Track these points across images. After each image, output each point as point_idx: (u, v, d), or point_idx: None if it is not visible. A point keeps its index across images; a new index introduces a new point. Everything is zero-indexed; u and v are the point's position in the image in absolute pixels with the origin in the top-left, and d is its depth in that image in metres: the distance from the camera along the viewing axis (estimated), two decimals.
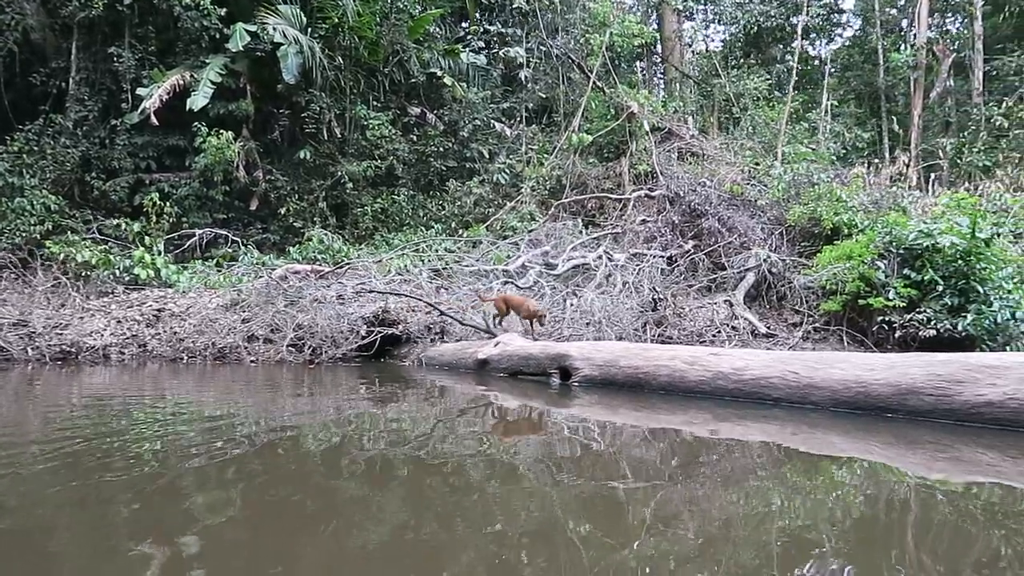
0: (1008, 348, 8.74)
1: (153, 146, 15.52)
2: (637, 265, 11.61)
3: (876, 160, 17.92)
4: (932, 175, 18.40)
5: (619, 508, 3.42)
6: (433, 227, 15.78)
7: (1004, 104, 19.00)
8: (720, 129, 19.51)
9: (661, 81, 25.12)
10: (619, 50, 17.89)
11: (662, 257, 12.21)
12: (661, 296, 10.27)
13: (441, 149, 17.21)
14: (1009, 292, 9.23)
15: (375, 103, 17.38)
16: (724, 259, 12.03)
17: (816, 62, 26.22)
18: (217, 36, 15.30)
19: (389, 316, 9.42)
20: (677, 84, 22.50)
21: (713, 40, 26.52)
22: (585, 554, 2.76)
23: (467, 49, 18.35)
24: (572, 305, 10.17)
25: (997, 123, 18.86)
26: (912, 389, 4.87)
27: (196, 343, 9.68)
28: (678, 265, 12.06)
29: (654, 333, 9.79)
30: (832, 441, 4.99)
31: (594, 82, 17.03)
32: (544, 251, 12.41)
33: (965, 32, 23.62)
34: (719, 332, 9.94)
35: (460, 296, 10.78)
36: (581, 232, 13.75)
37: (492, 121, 17.86)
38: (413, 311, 9.80)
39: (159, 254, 13.02)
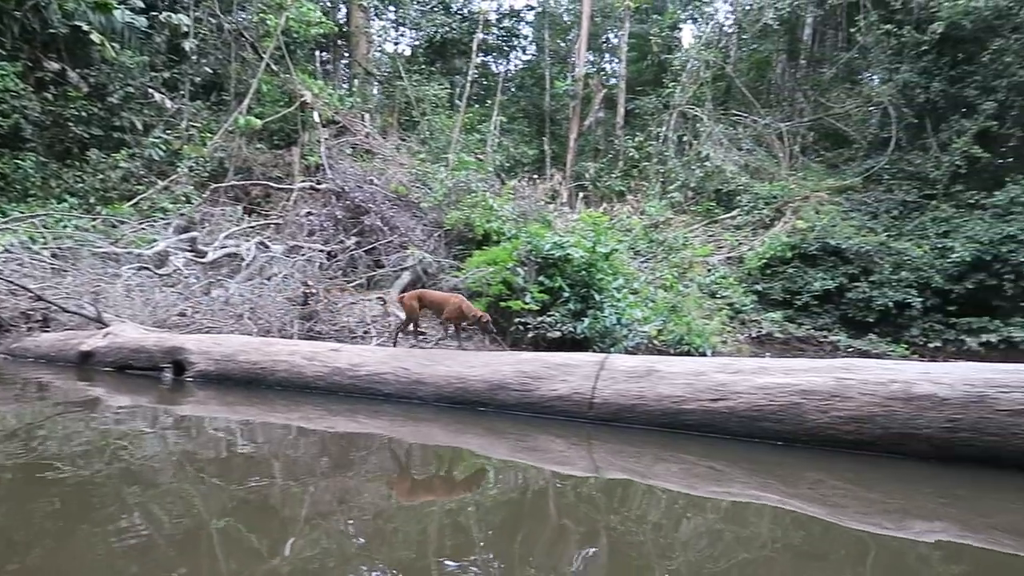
0: (613, 349, 10.00)
1: None
2: (294, 258, 11.25)
3: (536, 176, 19.59)
4: (581, 194, 20.70)
5: (234, 506, 3.30)
6: (67, 201, 13.76)
7: (636, 139, 22.04)
8: (399, 130, 19.85)
9: (346, 75, 24.86)
10: (296, 36, 17.25)
11: (322, 251, 11.98)
12: (314, 291, 10.04)
13: (84, 113, 15.07)
14: (618, 300, 10.62)
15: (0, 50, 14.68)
16: (384, 257, 12.19)
17: (497, 78, 28.02)
18: None
19: None
20: (359, 80, 22.45)
21: (400, 43, 27.05)
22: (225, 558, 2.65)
23: (123, 6, 16.29)
24: (215, 296, 9.50)
25: (630, 154, 21.81)
26: (502, 384, 5.29)
27: None
28: (338, 260, 11.93)
29: (304, 327, 9.54)
30: (433, 433, 5.27)
31: (268, 65, 16.23)
32: (192, 236, 11.46)
33: (617, 71, 26.99)
34: (369, 329, 10.00)
35: (84, 281, 9.49)
36: (241, 220, 12.99)
37: (150, 90, 16.08)
38: (14, 295, 8.36)
39: None
